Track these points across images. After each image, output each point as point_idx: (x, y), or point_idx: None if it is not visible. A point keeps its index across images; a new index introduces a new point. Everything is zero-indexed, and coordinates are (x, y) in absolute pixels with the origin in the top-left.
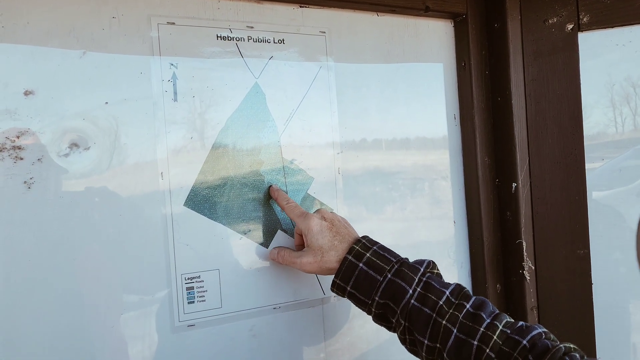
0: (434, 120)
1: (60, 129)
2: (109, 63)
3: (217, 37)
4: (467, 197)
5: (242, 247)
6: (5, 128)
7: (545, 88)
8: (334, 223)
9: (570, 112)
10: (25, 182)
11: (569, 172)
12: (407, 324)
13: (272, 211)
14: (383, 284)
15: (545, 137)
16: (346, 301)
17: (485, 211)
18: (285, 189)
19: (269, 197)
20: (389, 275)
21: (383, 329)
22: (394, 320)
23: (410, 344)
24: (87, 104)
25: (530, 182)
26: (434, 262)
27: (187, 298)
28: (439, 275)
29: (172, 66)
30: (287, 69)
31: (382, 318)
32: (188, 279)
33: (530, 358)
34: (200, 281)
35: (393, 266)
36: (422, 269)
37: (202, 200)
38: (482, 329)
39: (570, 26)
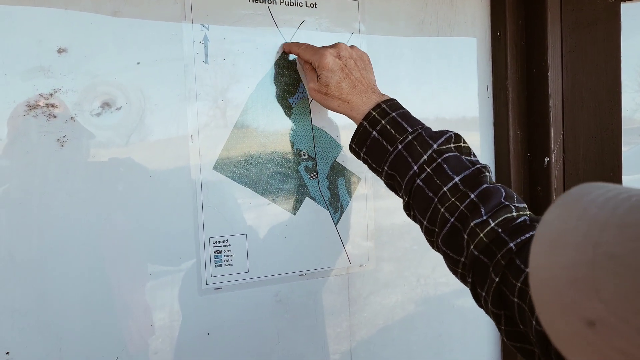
0: (465, 92)
1: (92, 87)
2: (141, 23)
3: None
4: (497, 171)
5: (270, 213)
6: (39, 85)
7: (583, 60)
8: (347, 64)
9: (608, 86)
10: (58, 139)
11: (604, 148)
12: (410, 201)
13: (301, 178)
14: (392, 155)
15: (581, 110)
16: (371, 272)
17: (516, 186)
18: (314, 154)
19: (297, 163)
20: (399, 147)
21: (408, 300)
22: (400, 193)
23: (414, 219)
24: (119, 63)
25: (564, 157)
26: (457, 135)
27: (215, 261)
28: (467, 150)
29: (203, 27)
30: (318, 34)
31: (392, 188)
32: (216, 242)
33: (519, 263)
34: (227, 245)
35: (406, 137)
36: (434, 146)
37: (231, 164)
38: (472, 224)
39: None
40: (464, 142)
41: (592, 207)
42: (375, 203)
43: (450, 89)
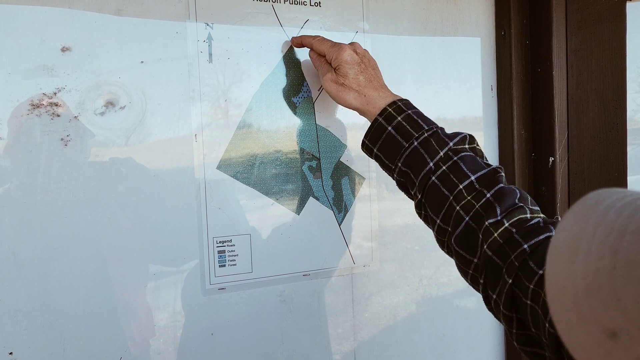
0: (470, 91)
1: (96, 86)
2: (145, 21)
3: None
4: None
5: (274, 213)
6: (42, 84)
7: (588, 59)
8: (363, 60)
9: (613, 85)
10: (62, 139)
11: (609, 147)
12: (423, 200)
13: (305, 178)
14: (407, 151)
15: (586, 110)
16: (375, 272)
17: (520, 185)
18: (318, 154)
19: (301, 162)
20: (415, 143)
21: (411, 300)
22: (412, 192)
23: (424, 219)
24: (123, 62)
25: (568, 157)
26: (471, 137)
27: (219, 261)
28: (480, 152)
29: (207, 26)
30: (322, 33)
31: (403, 186)
32: (220, 242)
33: (532, 264)
34: (231, 245)
35: (422, 134)
36: (450, 144)
37: (235, 164)
38: (487, 223)
39: None
40: (478, 145)
41: (610, 213)
42: (379, 203)
43: (454, 88)
